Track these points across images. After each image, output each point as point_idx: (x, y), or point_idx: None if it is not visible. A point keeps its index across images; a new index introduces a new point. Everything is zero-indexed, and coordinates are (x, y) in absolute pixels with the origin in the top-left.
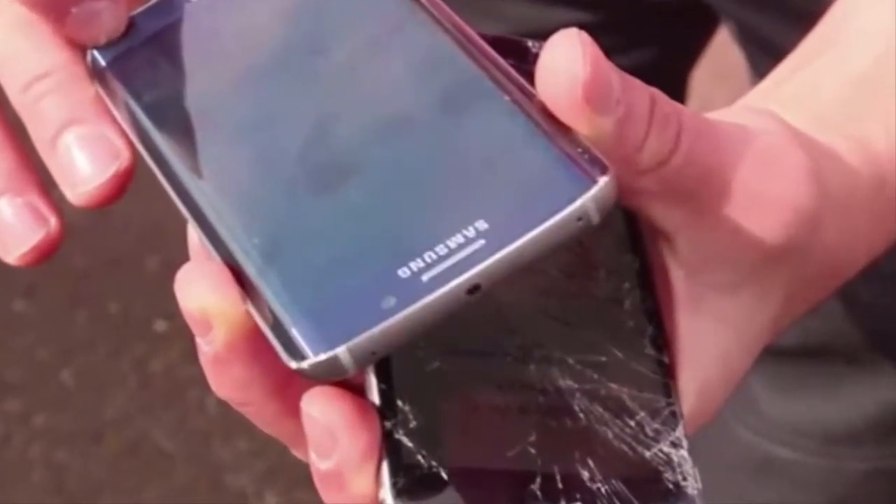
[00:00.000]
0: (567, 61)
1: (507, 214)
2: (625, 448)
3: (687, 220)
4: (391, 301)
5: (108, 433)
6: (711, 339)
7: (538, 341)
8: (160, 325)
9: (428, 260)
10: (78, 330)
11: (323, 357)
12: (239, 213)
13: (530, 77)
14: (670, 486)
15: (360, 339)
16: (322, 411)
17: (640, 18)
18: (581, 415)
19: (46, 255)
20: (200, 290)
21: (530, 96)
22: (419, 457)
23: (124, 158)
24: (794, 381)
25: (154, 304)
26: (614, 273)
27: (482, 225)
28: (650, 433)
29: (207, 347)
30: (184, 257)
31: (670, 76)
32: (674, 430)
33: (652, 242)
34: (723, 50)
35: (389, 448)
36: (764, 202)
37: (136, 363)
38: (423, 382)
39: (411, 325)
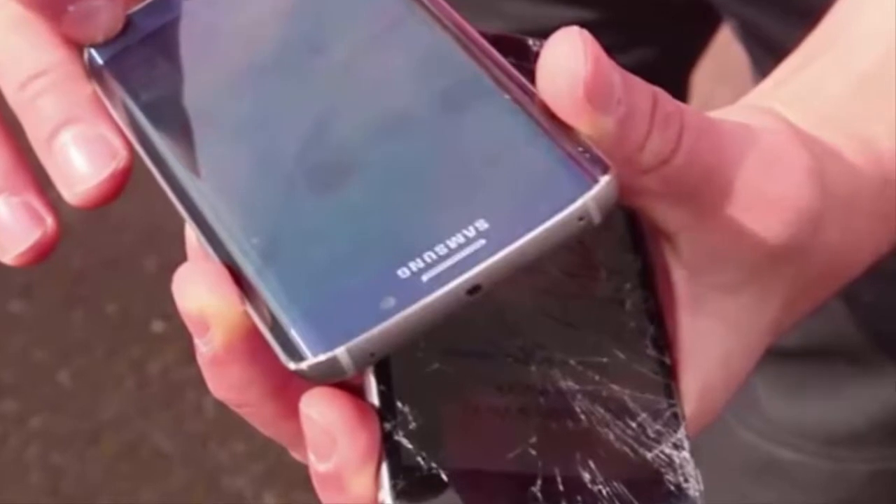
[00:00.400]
0: (568, 60)
1: (508, 214)
2: (626, 450)
3: (688, 219)
4: (390, 301)
5: (105, 434)
6: (713, 339)
7: (539, 342)
8: (158, 326)
9: (428, 260)
10: (75, 331)
11: (322, 358)
12: (237, 212)
13: (531, 76)
14: (672, 487)
15: (359, 339)
16: (321, 413)
17: (642, 16)
18: (582, 416)
19: (43, 255)
20: (198, 291)
21: (531, 95)
22: (419, 458)
23: (122, 158)
24: (796, 382)
25: (152, 305)
26: (615, 273)
27: (482, 224)
28: (652, 434)
29: (205, 348)
30: (182, 257)
31: (672, 75)
32: (675, 431)
33: (653, 242)
34: (725, 49)
35: (389, 450)
36: (766, 202)
37: (134, 364)
38: (423, 384)
39: (411, 326)
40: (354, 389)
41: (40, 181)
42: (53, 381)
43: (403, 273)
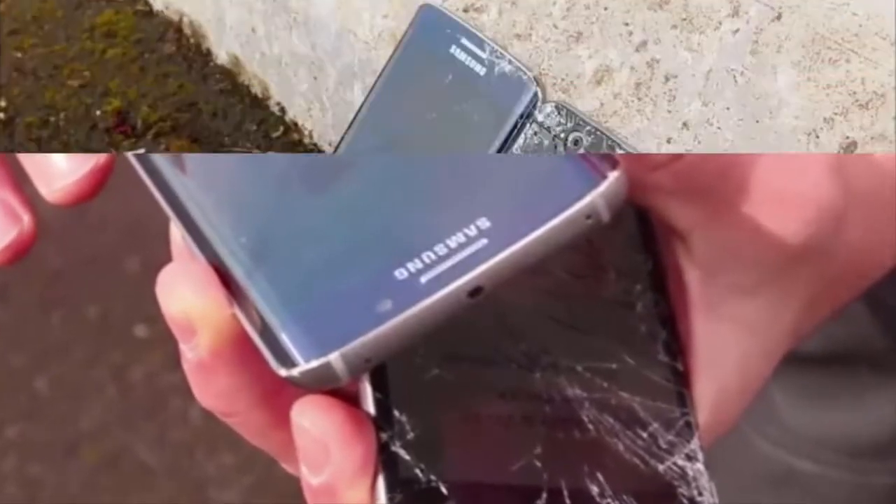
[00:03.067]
0: None
1: (511, 212)
2: (636, 461)
3: (702, 217)
4: (387, 304)
5: (84, 445)
6: (729, 344)
7: (544, 347)
8: (140, 331)
9: (426, 261)
10: (53, 335)
11: (315, 364)
12: (225, 210)
13: None
14: (685, 500)
15: (354, 344)
16: (314, 422)
17: None
18: (590, 426)
19: (19, 254)
20: (184, 293)
21: None
22: (417, 470)
23: (103, 153)
24: (817, 390)
25: (134, 308)
26: (625, 274)
27: (484, 223)
28: (664, 445)
29: (191, 354)
30: (166, 258)
31: None
32: (689, 441)
33: (665, 242)
34: None
35: (385, 461)
36: (784, 198)
37: (115, 371)
38: (422, 391)
39: (408, 330)
40: (349, 397)
41: (17, 177)
42: (30, 388)
43: (401, 274)
